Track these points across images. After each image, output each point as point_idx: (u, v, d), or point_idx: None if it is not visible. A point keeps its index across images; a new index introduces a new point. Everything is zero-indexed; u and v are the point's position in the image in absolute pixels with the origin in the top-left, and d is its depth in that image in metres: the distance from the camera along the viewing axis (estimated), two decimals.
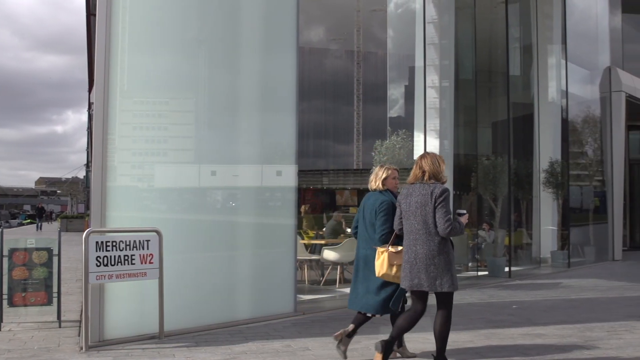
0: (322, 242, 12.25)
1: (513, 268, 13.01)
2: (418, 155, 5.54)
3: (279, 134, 8.37)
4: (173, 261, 6.79)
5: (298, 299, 8.33)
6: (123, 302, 6.59)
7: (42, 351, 5.94)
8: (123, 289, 6.54)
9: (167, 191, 7.48)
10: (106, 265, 6.16)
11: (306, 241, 12.98)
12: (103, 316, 6.38)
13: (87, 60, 26.51)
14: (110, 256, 6.20)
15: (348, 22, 46.56)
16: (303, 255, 11.09)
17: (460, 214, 5.25)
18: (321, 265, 11.72)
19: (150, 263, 6.46)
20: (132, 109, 7.14)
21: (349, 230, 14.69)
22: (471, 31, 13.97)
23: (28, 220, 67.88)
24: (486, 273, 12.84)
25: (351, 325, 5.64)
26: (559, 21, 15.98)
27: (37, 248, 7.13)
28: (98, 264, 6.11)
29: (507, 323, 7.58)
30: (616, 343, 6.49)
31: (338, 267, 10.99)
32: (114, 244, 6.24)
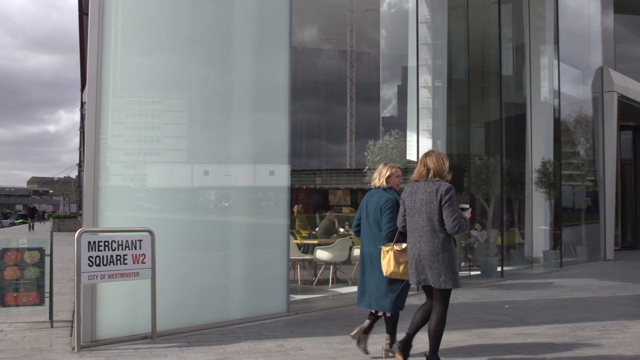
0: (315, 242, 12.27)
1: (505, 268, 13.04)
2: (422, 153, 5.56)
3: (272, 134, 8.36)
4: (165, 261, 6.78)
5: (291, 299, 8.33)
6: (115, 302, 6.58)
7: (34, 351, 5.92)
8: (115, 289, 6.53)
9: (160, 191, 7.47)
10: (98, 265, 6.15)
11: (299, 241, 12.99)
12: (95, 316, 6.37)
13: (80, 59, 26.35)
14: (102, 256, 6.18)
15: (341, 22, 46.56)
16: (296, 255, 11.10)
17: (463, 209, 5.26)
18: (314, 265, 11.73)
19: (142, 263, 6.45)
20: (125, 109, 7.12)
21: (342, 230, 14.75)
22: (464, 31, 13.98)
23: (20, 220, 67.62)
24: (478, 273, 12.87)
25: (367, 321, 5.78)
26: (552, 21, 16.03)
27: (29, 248, 7.10)
28: (90, 264, 6.09)
29: (500, 323, 7.61)
30: (608, 342, 6.53)
31: (331, 267, 11.01)
32: (107, 244, 6.23)
